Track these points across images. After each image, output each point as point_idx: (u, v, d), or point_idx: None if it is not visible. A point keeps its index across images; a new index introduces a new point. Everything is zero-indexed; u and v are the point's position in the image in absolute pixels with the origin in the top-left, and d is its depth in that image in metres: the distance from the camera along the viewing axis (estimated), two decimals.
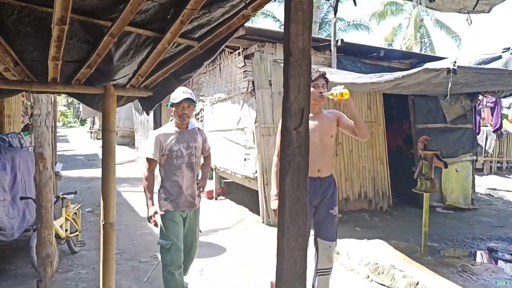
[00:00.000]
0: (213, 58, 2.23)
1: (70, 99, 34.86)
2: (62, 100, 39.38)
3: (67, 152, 15.86)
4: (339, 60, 5.80)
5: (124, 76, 2.32)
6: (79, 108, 27.51)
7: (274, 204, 2.88)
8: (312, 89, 2.74)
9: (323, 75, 2.82)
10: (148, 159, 2.97)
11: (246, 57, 5.92)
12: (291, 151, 1.31)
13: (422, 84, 3.50)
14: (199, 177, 3.19)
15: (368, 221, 5.89)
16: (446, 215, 6.23)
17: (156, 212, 2.87)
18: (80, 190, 8.40)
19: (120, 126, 17.60)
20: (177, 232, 2.94)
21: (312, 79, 2.75)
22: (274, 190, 2.91)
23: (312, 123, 2.72)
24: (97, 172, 10.67)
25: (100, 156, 2.53)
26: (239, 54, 6.05)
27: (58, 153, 14.17)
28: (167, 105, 3.05)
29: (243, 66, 5.92)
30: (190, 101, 2.94)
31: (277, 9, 38.00)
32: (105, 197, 2.40)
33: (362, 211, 6.25)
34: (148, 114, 2.84)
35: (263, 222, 5.71)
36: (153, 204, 2.93)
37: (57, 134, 22.36)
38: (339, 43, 5.67)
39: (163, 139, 2.97)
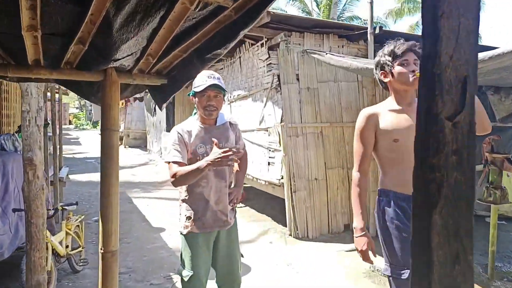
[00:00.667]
0: (252, 26, 1.57)
1: (83, 101, 34.70)
2: (74, 102, 39.38)
3: (78, 155, 15.45)
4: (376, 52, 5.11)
5: (129, 55, 1.69)
6: (91, 110, 27.34)
7: (360, 242, 2.00)
8: (399, 68, 2.00)
9: (412, 48, 2.00)
10: (174, 162, 2.17)
11: (270, 48, 5.27)
12: (442, 161, 0.63)
13: (507, 69, 2.83)
14: (232, 186, 2.47)
15: None
16: (499, 227, 5.43)
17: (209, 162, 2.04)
18: (89, 196, 7.88)
19: (132, 128, 17.42)
20: (201, 261, 2.27)
21: (399, 53, 2.00)
22: (357, 222, 2.03)
23: (404, 119, 1.98)
24: None
25: None
26: (262, 45, 5.41)
27: (68, 156, 13.76)
28: (188, 95, 2.35)
29: (267, 59, 5.28)
30: (218, 89, 2.22)
31: (290, 8, 37.40)
32: (104, 218, 1.80)
33: None
34: (160, 108, 2.18)
35: (290, 234, 5.04)
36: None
37: (69, 136, 22.04)
38: (376, 31, 4.97)
39: (186, 137, 2.26)
